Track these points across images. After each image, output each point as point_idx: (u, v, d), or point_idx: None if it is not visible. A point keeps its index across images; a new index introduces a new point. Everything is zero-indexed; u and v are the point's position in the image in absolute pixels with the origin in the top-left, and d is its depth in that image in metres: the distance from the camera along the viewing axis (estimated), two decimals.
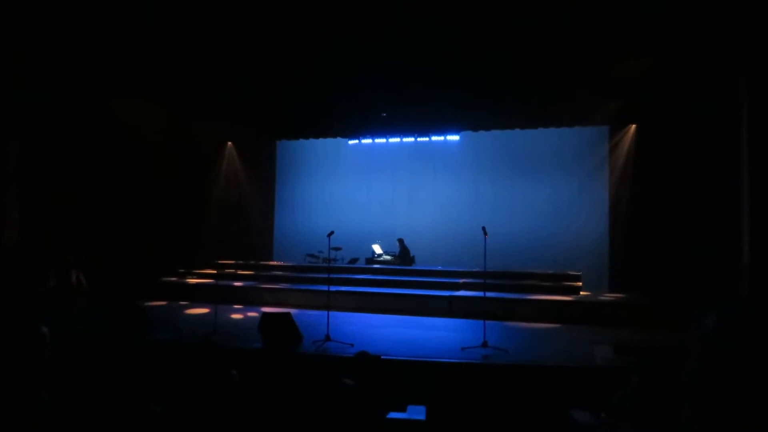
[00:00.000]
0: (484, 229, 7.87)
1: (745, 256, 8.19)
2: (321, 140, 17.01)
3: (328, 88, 12.00)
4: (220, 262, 13.92)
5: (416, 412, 4.29)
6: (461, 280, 12.31)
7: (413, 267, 14.50)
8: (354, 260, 15.28)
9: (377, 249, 15.44)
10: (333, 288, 10.10)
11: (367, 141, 16.28)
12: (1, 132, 10.21)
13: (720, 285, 9.23)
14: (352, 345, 7.22)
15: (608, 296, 11.99)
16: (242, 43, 10.36)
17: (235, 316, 10.30)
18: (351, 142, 16.61)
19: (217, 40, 10.30)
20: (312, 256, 15.46)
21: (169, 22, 9.74)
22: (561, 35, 9.39)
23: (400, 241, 15.04)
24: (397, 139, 16.09)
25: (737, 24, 8.32)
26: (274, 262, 16.32)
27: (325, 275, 11.70)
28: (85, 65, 11.24)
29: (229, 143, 17.38)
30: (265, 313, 7.25)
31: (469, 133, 15.53)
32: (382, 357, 5.38)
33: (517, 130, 15.01)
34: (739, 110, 8.45)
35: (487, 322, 7.59)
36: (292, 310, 8.61)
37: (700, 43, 9.18)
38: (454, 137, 15.68)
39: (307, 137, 16.89)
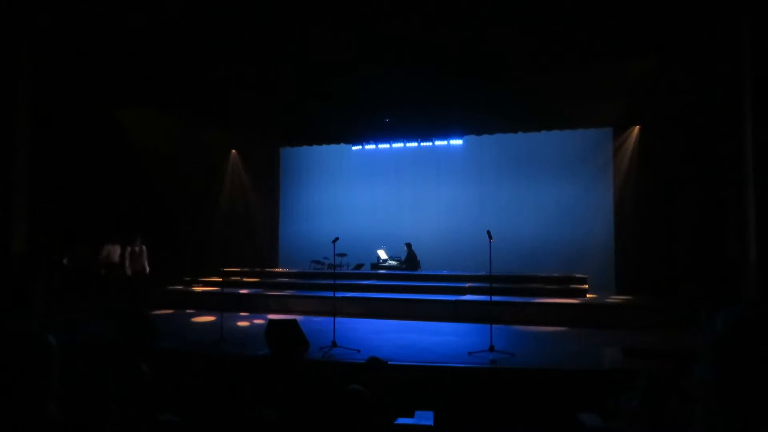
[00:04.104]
0: (489, 232, 7.86)
1: (752, 255, 8.16)
2: (324, 146, 17.06)
3: (330, 95, 12.03)
4: (225, 269, 13.93)
5: (424, 418, 4.28)
6: (467, 285, 12.29)
7: (419, 272, 14.48)
8: (359, 266, 15.28)
9: (382, 254, 15.44)
10: (339, 294, 10.10)
11: (370, 146, 16.32)
12: (8, 142, 10.27)
13: (728, 285, 9.18)
14: (358, 351, 7.21)
15: (615, 298, 11.93)
16: (245, 53, 10.40)
17: (242, 323, 10.30)
18: (354, 147, 16.65)
19: (222, 51, 10.34)
20: (317, 262, 15.47)
21: (175, 33, 9.80)
22: (563, 37, 9.40)
23: (408, 245, 15.03)
24: (400, 144, 16.14)
25: (741, 23, 8.31)
26: (280, 269, 16.33)
27: (331, 281, 11.67)
28: (92, 75, 11.31)
29: (233, 151, 17.44)
30: (271, 320, 7.25)
31: (473, 136, 15.55)
32: (390, 362, 5.36)
33: (521, 134, 15.01)
34: (743, 109, 8.43)
35: (494, 326, 7.57)
36: (298, 317, 8.61)
37: (703, 43, 9.17)
38: (457, 141, 15.70)
39: (310, 144, 16.93)
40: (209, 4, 9.01)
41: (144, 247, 12.08)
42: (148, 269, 12.22)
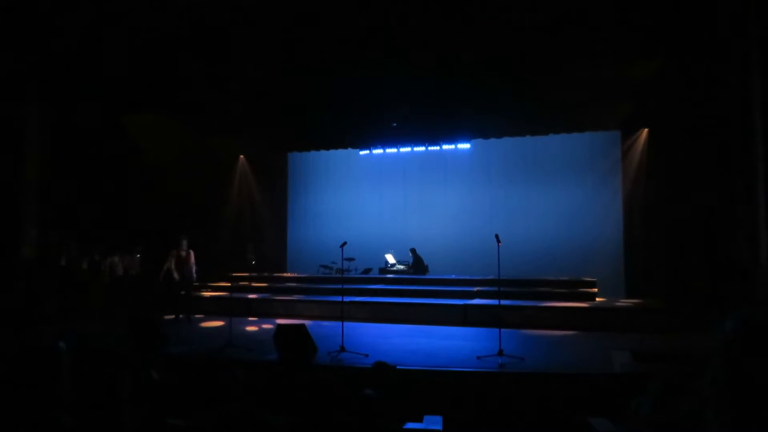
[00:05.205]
0: (497, 236, 7.84)
1: (763, 257, 8.09)
2: (332, 151, 17.08)
3: (338, 100, 12.06)
4: (234, 274, 13.97)
5: (433, 422, 4.26)
6: (475, 289, 12.25)
7: (427, 276, 14.46)
8: (367, 270, 15.27)
9: (390, 259, 15.42)
10: (347, 298, 10.10)
11: (378, 151, 16.31)
12: (18, 149, 10.37)
13: (738, 287, 9.11)
14: (366, 355, 7.20)
15: (625, 302, 11.86)
16: (253, 57, 10.45)
17: (250, 328, 10.32)
18: (362, 152, 16.65)
19: (229, 57, 10.40)
20: (325, 267, 15.48)
21: (180, 38, 9.86)
22: (571, 39, 9.38)
23: (413, 251, 15.02)
24: (407, 149, 16.11)
25: (748, 24, 8.27)
26: (288, 274, 16.35)
27: (339, 286, 11.69)
28: (101, 82, 11.40)
29: (241, 156, 17.50)
30: (279, 325, 7.26)
31: (480, 140, 15.51)
32: (398, 367, 5.35)
33: (528, 137, 14.96)
34: (752, 111, 8.37)
35: (503, 330, 7.54)
36: (307, 322, 8.61)
37: (712, 44, 9.12)
38: (465, 145, 15.66)
39: (318, 149, 16.96)
40: (215, 8, 9.05)
41: (192, 252, 11.62)
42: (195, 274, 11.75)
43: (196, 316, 11.20)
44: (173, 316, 11.31)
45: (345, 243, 8.62)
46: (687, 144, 11.06)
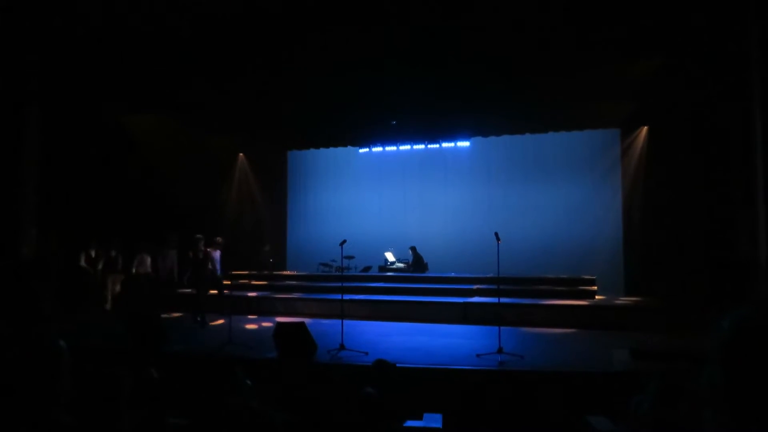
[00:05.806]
0: (496, 234, 7.84)
1: (763, 256, 8.09)
2: (332, 149, 17.10)
3: (337, 98, 12.05)
4: (233, 272, 13.96)
5: (433, 420, 4.27)
6: (475, 287, 12.27)
7: (426, 274, 14.47)
8: (367, 268, 15.28)
9: (390, 257, 15.43)
10: (346, 296, 10.11)
11: (377, 149, 16.33)
12: (17, 149, 10.35)
13: (737, 286, 9.12)
14: (366, 353, 7.21)
15: (624, 300, 11.88)
16: (252, 57, 10.44)
17: (250, 326, 10.33)
18: (361, 150, 16.67)
19: (228, 55, 10.39)
20: (325, 265, 15.49)
21: (180, 39, 9.85)
22: (571, 38, 9.36)
23: (413, 249, 15.03)
24: (407, 147, 16.13)
25: (749, 23, 8.26)
26: (288, 272, 16.36)
27: (339, 284, 11.71)
28: (99, 81, 11.39)
29: (241, 155, 17.51)
30: (279, 323, 7.27)
31: (480, 138, 15.53)
32: (398, 365, 5.36)
33: (528, 135, 14.97)
34: (752, 109, 8.37)
35: (502, 328, 7.55)
36: (306, 320, 8.62)
37: (712, 43, 9.11)
38: (464, 143, 15.68)
39: (317, 147, 16.97)
40: (214, 9, 9.04)
41: (209, 251, 11.12)
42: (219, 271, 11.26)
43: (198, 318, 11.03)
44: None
45: (344, 241, 8.62)
46: (687, 143, 11.06)
